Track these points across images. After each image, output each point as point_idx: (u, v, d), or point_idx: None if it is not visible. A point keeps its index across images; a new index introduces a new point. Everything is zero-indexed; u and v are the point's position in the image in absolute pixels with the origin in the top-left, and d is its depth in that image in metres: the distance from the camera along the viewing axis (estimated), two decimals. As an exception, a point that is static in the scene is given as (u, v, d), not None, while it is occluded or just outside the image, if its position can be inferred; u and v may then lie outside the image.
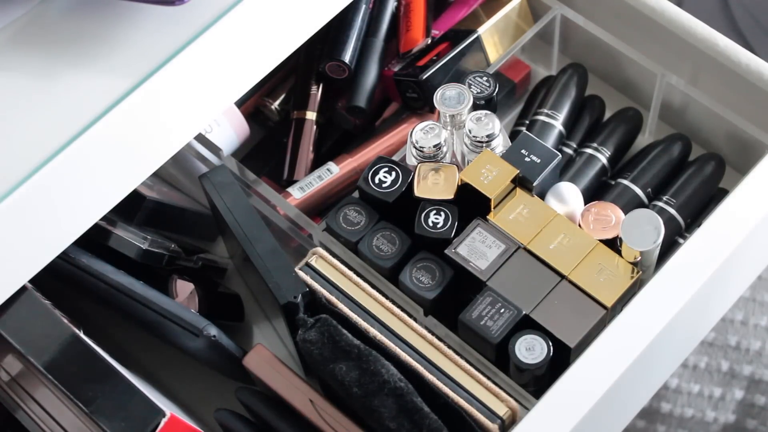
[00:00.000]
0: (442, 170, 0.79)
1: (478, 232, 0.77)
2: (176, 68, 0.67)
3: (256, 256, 0.76)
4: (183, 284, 0.85)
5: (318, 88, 0.96)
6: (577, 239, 0.75)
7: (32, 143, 0.64)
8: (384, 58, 0.95)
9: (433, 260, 0.77)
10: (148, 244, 0.81)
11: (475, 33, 0.94)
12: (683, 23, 0.89)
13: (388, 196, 0.79)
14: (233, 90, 0.73)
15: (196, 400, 0.87)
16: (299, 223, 0.84)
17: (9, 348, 0.72)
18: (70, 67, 0.67)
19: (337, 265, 0.77)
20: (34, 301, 0.72)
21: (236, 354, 0.77)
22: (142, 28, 0.68)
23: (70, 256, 0.76)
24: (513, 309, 0.73)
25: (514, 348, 0.72)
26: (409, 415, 0.69)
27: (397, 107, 0.98)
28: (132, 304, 0.77)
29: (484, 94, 0.85)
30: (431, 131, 0.80)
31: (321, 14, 0.76)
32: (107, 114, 0.65)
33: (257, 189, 0.85)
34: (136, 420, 0.68)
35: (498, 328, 0.73)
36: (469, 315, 0.73)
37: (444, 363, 0.72)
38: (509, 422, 0.71)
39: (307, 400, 0.73)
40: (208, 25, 0.68)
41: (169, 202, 0.89)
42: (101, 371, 0.70)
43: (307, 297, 0.74)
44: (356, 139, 0.98)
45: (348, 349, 0.71)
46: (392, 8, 0.97)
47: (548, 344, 0.71)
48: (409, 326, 0.74)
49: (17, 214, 0.64)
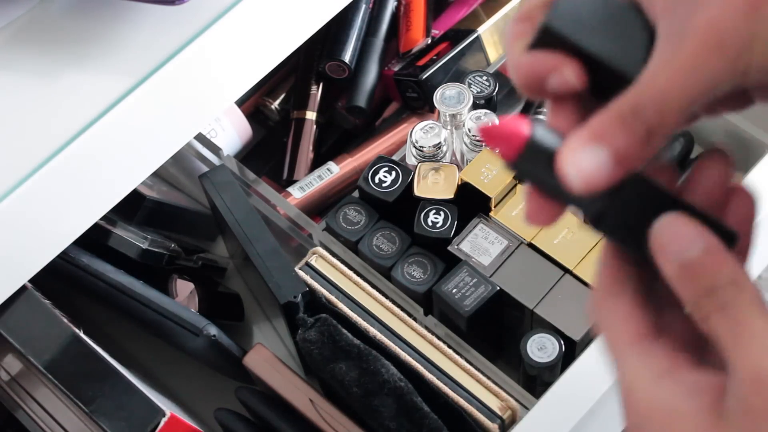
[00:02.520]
0: (442, 170, 0.79)
1: (481, 229, 0.77)
2: (176, 68, 0.67)
3: (256, 255, 0.76)
4: (183, 284, 0.85)
5: (318, 88, 0.96)
6: (581, 234, 0.75)
7: (32, 143, 0.64)
8: (384, 58, 0.95)
9: (425, 255, 0.77)
10: (148, 243, 0.81)
11: (475, 33, 0.94)
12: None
13: (388, 196, 0.79)
14: (233, 89, 0.73)
15: (196, 400, 0.87)
16: (299, 222, 0.84)
17: (9, 348, 0.72)
18: (71, 66, 0.67)
19: (336, 265, 0.77)
20: (34, 301, 0.72)
21: (236, 354, 0.77)
22: (142, 28, 0.68)
23: (70, 256, 0.76)
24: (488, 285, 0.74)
25: (526, 348, 0.72)
26: (408, 415, 0.69)
27: (397, 107, 0.98)
28: (132, 304, 0.77)
29: (484, 93, 0.85)
30: (431, 131, 0.80)
31: (321, 14, 0.76)
32: (107, 114, 0.65)
33: (257, 189, 0.85)
34: (136, 420, 0.68)
35: (471, 302, 0.73)
36: (445, 287, 0.74)
37: (444, 362, 0.72)
38: (509, 422, 0.71)
39: (307, 400, 0.72)
40: (208, 25, 0.68)
41: (169, 201, 0.89)
42: (101, 371, 0.70)
43: (306, 296, 0.74)
44: (356, 138, 0.98)
45: (348, 348, 0.71)
46: (392, 8, 0.97)
47: (559, 342, 0.72)
48: (408, 326, 0.74)
49: (17, 214, 0.64)
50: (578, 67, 0.38)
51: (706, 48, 0.35)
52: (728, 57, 0.35)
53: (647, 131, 0.36)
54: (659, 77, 0.36)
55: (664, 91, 0.36)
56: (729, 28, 0.35)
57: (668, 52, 0.36)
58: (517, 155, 0.37)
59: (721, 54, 0.35)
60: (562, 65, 0.38)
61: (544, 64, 0.38)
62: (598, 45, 0.38)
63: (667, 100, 0.36)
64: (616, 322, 0.37)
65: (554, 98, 0.39)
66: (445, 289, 0.74)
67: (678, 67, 0.36)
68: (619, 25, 0.38)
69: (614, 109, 0.36)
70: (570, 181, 0.36)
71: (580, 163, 0.36)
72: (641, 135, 0.36)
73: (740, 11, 0.35)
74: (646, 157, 0.37)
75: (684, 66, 0.36)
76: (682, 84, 0.36)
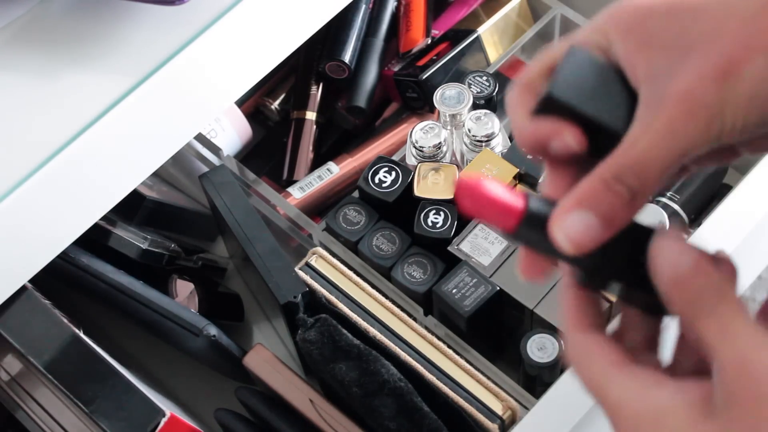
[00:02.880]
0: (441, 170, 0.79)
1: (481, 229, 0.77)
2: (176, 68, 0.67)
3: (256, 256, 0.76)
4: (183, 284, 0.85)
5: (318, 88, 0.96)
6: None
7: (32, 143, 0.64)
8: (384, 58, 0.95)
9: (425, 255, 0.77)
10: (148, 243, 0.81)
11: (475, 33, 0.94)
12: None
13: (388, 196, 0.79)
14: (233, 89, 0.73)
15: (196, 400, 0.87)
16: (299, 223, 0.84)
17: (9, 348, 0.72)
18: (70, 67, 0.67)
19: (336, 265, 0.77)
20: (34, 301, 0.72)
21: (236, 354, 0.77)
22: (142, 28, 0.68)
23: (70, 256, 0.76)
24: (488, 285, 0.74)
25: (526, 348, 0.72)
26: (408, 415, 0.69)
27: (397, 107, 0.98)
28: (132, 304, 0.77)
29: (483, 93, 0.85)
30: (431, 131, 0.80)
31: (321, 14, 0.76)
32: (107, 114, 0.65)
33: (257, 189, 0.85)
34: (136, 420, 0.68)
35: (471, 302, 0.73)
36: (445, 287, 0.74)
37: (444, 362, 0.72)
38: (509, 422, 0.71)
39: (307, 400, 0.72)
40: (208, 25, 0.68)
41: (169, 201, 0.89)
42: (101, 371, 0.70)
43: (306, 297, 0.74)
44: (356, 139, 0.98)
45: (348, 348, 0.71)
46: (392, 8, 0.97)
47: (560, 342, 0.72)
48: (408, 326, 0.74)
49: (17, 214, 0.64)
50: (578, 132, 0.41)
51: (681, 114, 0.38)
52: (701, 122, 0.38)
53: (630, 194, 0.39)
54: (639, 143, 0.39)
55: (643, 156, 0.39)
56: (701, 95, 0.38)
57: (647, 118, 0.39)
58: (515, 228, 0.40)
59: (695, 120, 0.38)
60: (563, 131, 0.41)
61: (547, 130, 0.41)
62: (597, 110, 0.41)
63: (647, 164, 0.39)
64: (595, 354, 0.40)
65: (553, 160, 0.42)
66: (445, 290, 0.74)
67: (655, 132, 0.38)
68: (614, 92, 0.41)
69: (598, 175, 0.39)
70: (560, 244, 0.39)
71: (569, 228, 0.39)
72: (624, 198, 0.39)
73: (711, 79, 0.38)
74: (631, 217, 0.40)
75: (660, 132, 0.38)
76: (660, 148, 0.38)
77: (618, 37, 0.41)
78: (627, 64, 0.41)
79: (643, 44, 0.40)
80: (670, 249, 0.38)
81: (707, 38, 0.38)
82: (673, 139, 0.38)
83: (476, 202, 0.40)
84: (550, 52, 0.43)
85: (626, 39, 0.41)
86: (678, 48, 0.39)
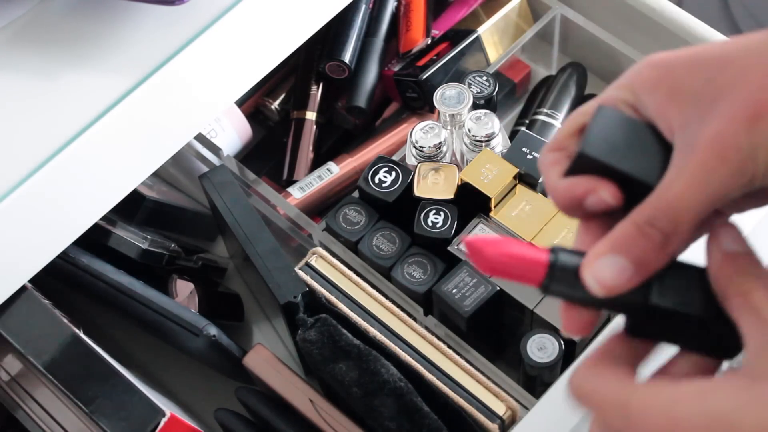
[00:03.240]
0: (442, 170, 0.79)
1: (481, 229, 0.77)
2: (176, 68, 0.67)
3: (256, 256, 0.76)
4: (183, 284, 0.85)
5: (318, 88, 0.96)
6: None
7: (32, 143, 0.64)
8: (384, 58, 0.95)
9: (425, 255, 0.77)
10: (148, 243, 0.81)
11: (475, 33, 0.94)
12: (683, 23, 0.89)
13: (388, 196, 0.79)
14: (233, 89, 0.73)
15: (196, 400, 0.87)
16: (299, 223, 0.84)
17: (9, 348, 0.72)
18: (70, 67, 0.67)
19: (336, 265, 0.77)
20: (34, 301, 0.72)
21: (236, 354, 0.77)
22: (142, 28, 0.68)
23: (70, 256, 0.76)
24: (488, 285, 0.74)
25: (526, 348, 0.72)
26: (408, 415, 0.69)
27: (397, 107, 0.98)
28: (132, 304, 0.77)
29: (483, 93, 0.85)
30: (431, 131, 0.80)
31: (321, 14, 0.76)
32: (107, 114, 0.65)
33: (257, 189, 0.85)
34: (136, 420, 0.68)
35: (471, 302, 0.73)
36: (445, 287, 0.74)
37: (444, 363, 0.72)
38: (509, 422, 0.71)
39: (307, 400, 0.72)
40: (208, 25, 0.68)
41: (169, 201, 0.89)
42: (101, 371, 0.70)
43: (306, 297, 0.74)
44: (356, 139, 0.98)
45: (348, 348, 0.71)
46: (392, 8, 0.97)
47: (559, 342, 0.72)
48: (408, 326, 0.74)
49: (17, 214, 0.64)
50: (614, 187, 0.42)
51: (712, 157, 0.39)
52: (733, 165, 0.39)
53: (662, 237, 0.40)
54: (671, 188, 0.40)
55: (675, 199, 0.40)
56: (732, 140, 0.39)
57: (680, 164, 0.40)
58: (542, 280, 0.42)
59: (727, 163, 0.39)
60: (599, 187, 0.42)
61: (582, 188, 0.43)
62: (630, 165, 0.42)
63: (679, 207, 0.40)
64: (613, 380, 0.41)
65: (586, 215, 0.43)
66: (445, 290, 0.74)
67: (687, 176, 0.39)
68: (646, 145, 0.43)
69: (631, 220, 0.40)
70: (591, 287, 0.40)
71: (600, 271, 0.40)
72: (658, 242, 0.40)
73: (742, 125, 0.39)
74: (665, 261, 0.41)
75: (692, 175, 0.39)
76: (692, 192, 0.39)
77: (646, 92, 0.42)
78: (659, 116, 0.42)
79: (673, 95, 0.41)
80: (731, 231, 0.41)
81: (734, 85, 0.39)
82: (705, 182, 0.39)
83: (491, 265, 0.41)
84: (579, 113, 0.44)
85: (655, 92, 0.42)
86: (707, 96, 0.40)
